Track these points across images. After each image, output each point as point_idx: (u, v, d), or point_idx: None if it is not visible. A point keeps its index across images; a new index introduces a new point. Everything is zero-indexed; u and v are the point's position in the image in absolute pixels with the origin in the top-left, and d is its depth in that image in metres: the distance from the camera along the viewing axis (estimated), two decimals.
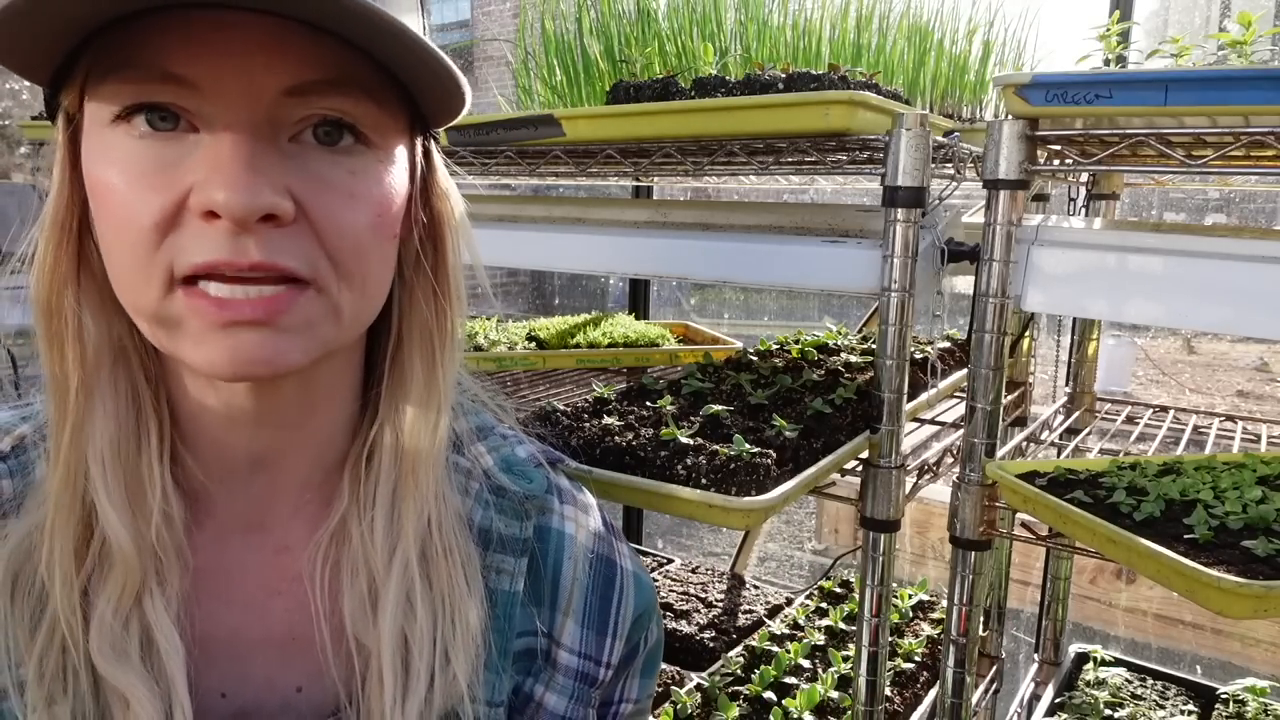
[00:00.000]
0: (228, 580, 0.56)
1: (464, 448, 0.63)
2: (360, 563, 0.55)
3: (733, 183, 1.83)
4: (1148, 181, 1.58)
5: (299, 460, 0.57)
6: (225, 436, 0.54)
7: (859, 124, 0.87)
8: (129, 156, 0.45)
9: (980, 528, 1.04)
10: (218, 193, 0.43)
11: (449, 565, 0.56)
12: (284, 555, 0.57)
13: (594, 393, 1.17)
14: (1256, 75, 0.79)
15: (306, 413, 0.55)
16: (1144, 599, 2.60)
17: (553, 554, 0.63)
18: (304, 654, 0.56)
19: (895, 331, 0.97)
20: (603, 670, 0.64)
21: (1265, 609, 0.70)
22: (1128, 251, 0.93)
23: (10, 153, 4.92)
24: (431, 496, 0.56)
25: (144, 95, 0.45)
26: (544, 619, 0.62)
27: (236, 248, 0.44)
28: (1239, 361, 7.43)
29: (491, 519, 0.61)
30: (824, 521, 3.39)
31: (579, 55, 1.28)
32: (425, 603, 0.54)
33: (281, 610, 0.57)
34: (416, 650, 0.53)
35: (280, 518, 0.57)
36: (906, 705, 1.47)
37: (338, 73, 0.46)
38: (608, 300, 7.18)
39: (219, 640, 0.55)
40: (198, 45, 0.44)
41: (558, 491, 0.66)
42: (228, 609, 0.56)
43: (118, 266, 0.47)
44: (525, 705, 0.60)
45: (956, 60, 1.30)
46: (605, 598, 0.64)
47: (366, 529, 0.55)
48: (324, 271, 0.48)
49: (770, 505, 0.87)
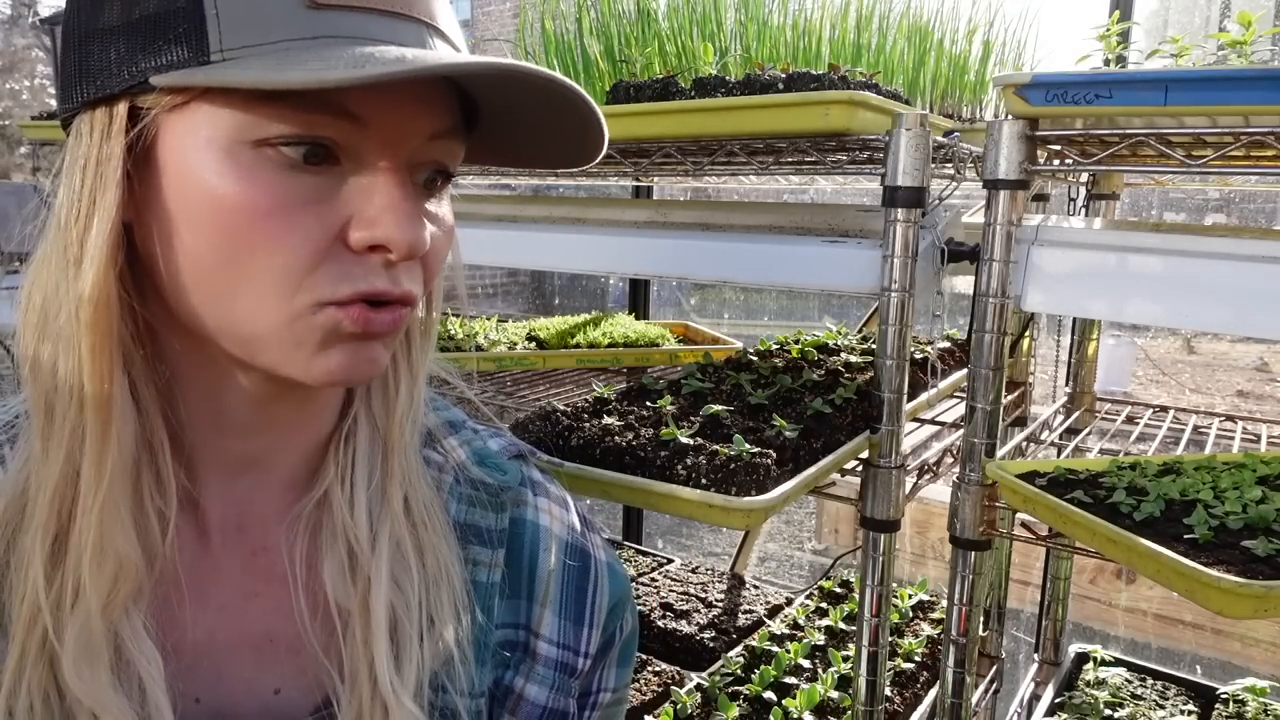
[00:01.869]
0: (204, 583, 0.56)
1: (435, 442, 0.64)
2: (339, 530, 0.56)
3: (733, 183, 1.83)
4: (1148, 181, 1.58)
5: (288, 459, 0.57)
6: (215, 440, 0.54)
7: (859, 124, 0.87)
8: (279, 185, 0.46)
9: (980, 528, 1.04)
10: (395, 232, 0.47)
11: (430, 533, 0.57)
12: (261, 556, 0.57)
13: (594, 393, 1.17)
14: (1256, 75, 0.79)
15: (314, 412, 0.57)
16: (1144, 599, 2.60)
17: (529, 546, 0.63)
18: (282, 656, 0.56)
19: (895, 331, 0.97)
20: (581, 660, 0.64)
21: (1265, 609, 0.70)
22: (1128, 251, 0.93)
23: (10, 153, 4.91)
24: (408, 472, 0.58)
25: (311, 127, 0.45)
26: (522, 611, 0.63)
27: (392, 279, 0.49)
28: (1239, 361, 7.43)
29: (466, 511, 0.62)
30: (824, 521, 3.39)
31: (579, 55, 1.28)
32: (410, 568, 0.55)
33: (258, 612, 0.56)
34: (404, 614, 0.54)
35: (260, 519, 0.57)
36: (906, 705, 1.47)
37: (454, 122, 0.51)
38: (608, 300, 7.18)
39: (194, 644, 0.54)
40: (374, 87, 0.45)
41: (531, 484, 0.66)
42: (203, 612, 0.55)
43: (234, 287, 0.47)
44: (506, 697, 0.61)
45: (956, 60, 1.30)
46: (581, 588, 0.65)
47: (346, 500, 0.56)
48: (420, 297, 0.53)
49: (770, 505, 0.87)
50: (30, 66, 21.49)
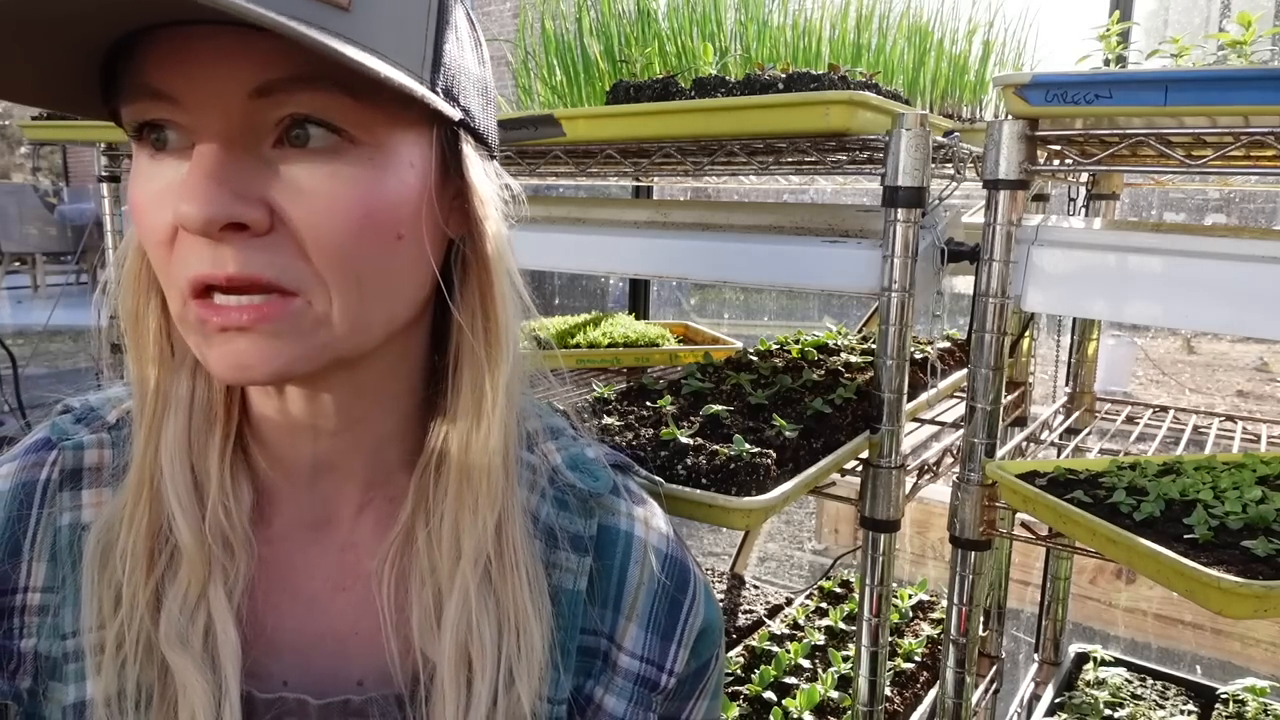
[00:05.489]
0: (295, 575, 0.58)
1: (534, 445, 0.63)
2: (427, 572, 0.55)
3: (733, 183, 1.83)
4: (1148, 181, 1.58)
5: (359, 463, 0.58)
6: (287, 440, 0.56)
7: (859, 124, 0.87)
8: (144, 176, 0.48)
9: (980, 528, 1.04)
10: (181, 205, 0.44)
11: (515, 580, 0.56)
12: (349, 553, 0.59)
13: (594, 393, 1.17)
14: (1256, 75, 0.79)
15: (359, 417, 0.57)
16: (1144, 599, 2.60)
17: (619, 555, 0.62)
18: (366, 649, 0.57)
19: (895, 331, 0.97)
20: (665, 676, 0.63)
21: (1265, 609, 0.70)
22: (1128, 251, 0.93)
23: (10, 153, 4.91)
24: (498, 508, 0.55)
25: (141, 114, 0.47)
26: (606, 620, 0.61)
27: (215, 260, 0.45)
28: (1239, 361, 7.43)
29: (556, 515, 0.61)
30: (824, 521, 3.39)
31: (579, 55, 1.28)
32: (490, 618, 0.54)
33: (346, 606, 0.58)
34: (479, 668, 0.54)
35: (346, 516, 0.59)
36: (906, 705, 1.47)
37: (309, 69, 0.44)
38: (608, 300, 7.17)
39: (285, 631, 0.57)
40: (172, 60, 0.45)
41: (624, 493, 0.65)
42: (294, 603, 0.58)
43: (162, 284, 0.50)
44: (585, 705, 0.61)
45: (956, 60, 1.30)
46: (676, 604, 0.64)
47: (434, 536, 0.55)
48: (308, 280, 0.47)
49: (770, 505, 0.87)
50: None
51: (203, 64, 0.44)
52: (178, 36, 0.44)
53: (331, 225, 0.46)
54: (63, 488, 0.57)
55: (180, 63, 0.45)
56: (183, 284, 0.47)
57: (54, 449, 0.58)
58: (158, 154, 0.47)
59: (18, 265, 10.08)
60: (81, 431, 0.59)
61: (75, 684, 0.53)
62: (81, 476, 0.57)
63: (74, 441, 0.58)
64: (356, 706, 0.55)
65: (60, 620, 0.54)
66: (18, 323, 7.65)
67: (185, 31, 0.44)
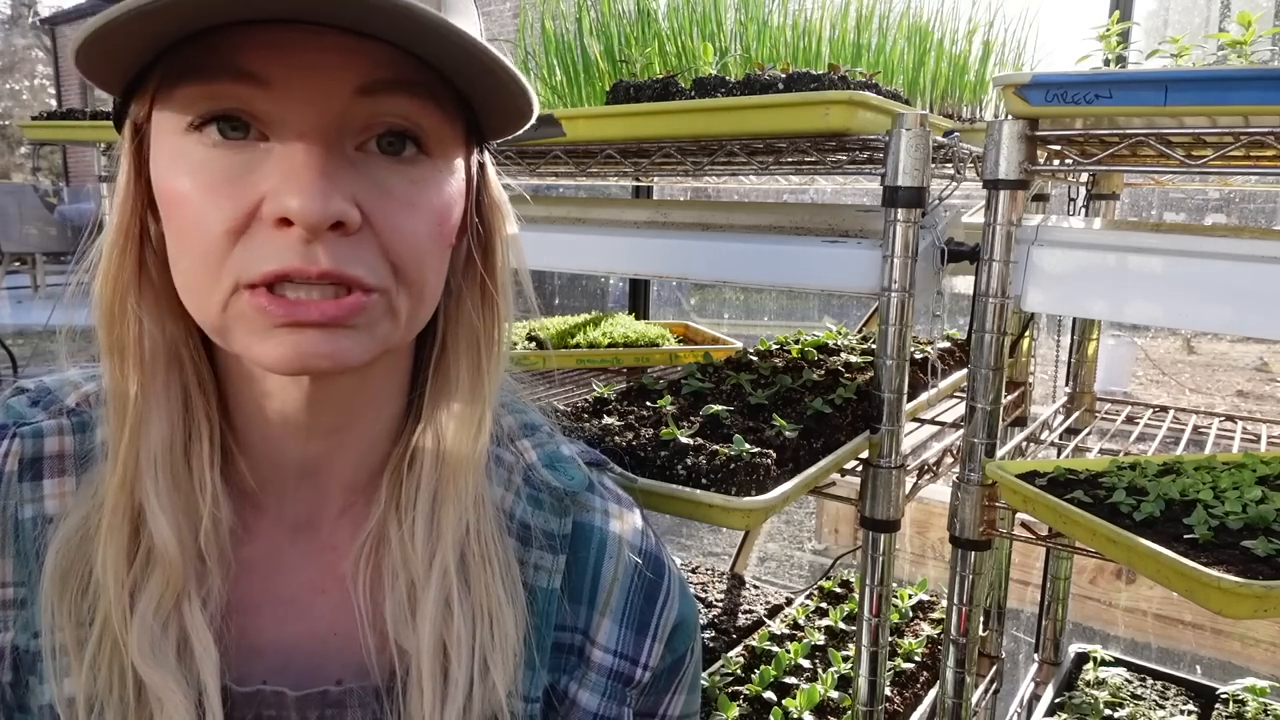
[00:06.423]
0: (275, 578, 0.58)
1: (508, 443, 0.64)
2: (400, 566, 0.56)
3: (733, 183, 1.83)
4: (1148, 181, 1.58)
5: (345, 464, 0.58)
6: (276, 443, 0.56)
7: (859, 124, 0.87)
8: (202, 165, 0.46)
9: (980, 528, 1.04)
10: (292, 200, 0.44)
11: (488, 573, 0.56)
12: (330, 554, 0.59)
13: (594, 393, 1.17)
14: (1256, 75, 0.79)
15: (356, 415, 0.57)
16: (1144, 599, 2.60)
17: (594, 551, 0.63)
18: (345, 649, 0.57)
19: (895, 331, 0.97)
20: (639, 671, 0.63)
21: (1265, 609, 0.70)
22: (1128, 251, 0.93)
23: (10, 153, 4.93)
24: (471, 503, 0.56)
25: (216, 98, 0.46)
26: (580, 616, 0.62)
27: (307, 256, 0.45)
28: (1239, 361, 7.42)
29: (531, 513, 0.61)
30: (824, 521, 3.39)
31: (579, 55, 1.28)
32: (464, 609, 0.55)
33: (326, 607, 0.58)
34: (455, 657, 0.54)
35: (327, 518, 0.59)
36: (906, 705, 1.47)
37: (411, 75, 0.47)
38: (608, 300, 7.17)
39: (264, 634, 0.57)
40: (270, 46, 0.45)
41: (599, 490, 0.65)
42: (273, 605, 0.57)
43: (186, 272, 0.49)
44: (560, 702, 0.61)
45: (956, 60, 1.30)
46: (650, 598, 0.64)
47: (407, 533, 0.56)
48: (386, 278, 0.49)
49: (770, 505, 0.87)
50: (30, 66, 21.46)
51: (309, 56, 0.45)
52: (276, 28, 0.45)
53: (414, 229, 0.49)
54: (22, 478, 0.55)
55: (282, 52, 0.45)
56: (253, 275, 0.46)
57: (12, 437, 0.55)
58: (224, 141, 0.46)
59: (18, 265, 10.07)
60: (39, 415, 0.57)
61: (51, 682, 0.52)
62: (42, 466, 0.55)
63: (33, 428, 0.56)
64: (335, 697, 0.56)
65: (31, 617, 0.53)
66: (18, 323, 7.65)
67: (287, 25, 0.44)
